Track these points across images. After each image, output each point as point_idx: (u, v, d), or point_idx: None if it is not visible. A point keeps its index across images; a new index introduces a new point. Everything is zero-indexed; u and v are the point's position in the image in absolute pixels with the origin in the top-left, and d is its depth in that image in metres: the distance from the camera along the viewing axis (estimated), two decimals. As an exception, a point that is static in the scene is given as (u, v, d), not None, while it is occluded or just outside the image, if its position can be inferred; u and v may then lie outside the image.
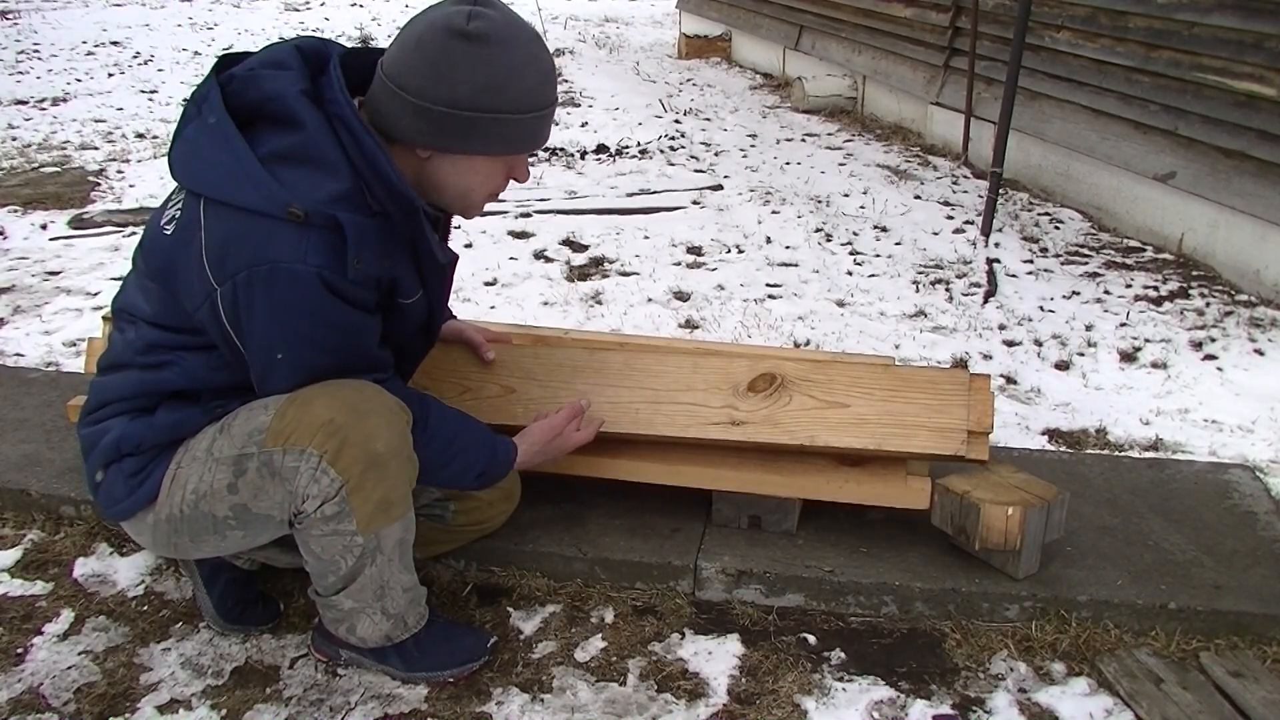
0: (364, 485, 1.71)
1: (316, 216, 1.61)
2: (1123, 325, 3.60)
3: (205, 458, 1.76)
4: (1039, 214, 4.89)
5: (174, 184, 1.76)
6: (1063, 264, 4.23)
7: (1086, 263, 4.26)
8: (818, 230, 4.63)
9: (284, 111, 1.65)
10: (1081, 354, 3.40)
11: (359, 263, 1.65)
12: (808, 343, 3.45)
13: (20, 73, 9.22)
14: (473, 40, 1.63)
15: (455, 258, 1.91)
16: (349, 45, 1.80)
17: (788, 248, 4.42)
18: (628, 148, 6.25)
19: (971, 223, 4.69)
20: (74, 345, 3.44)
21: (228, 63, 1.74)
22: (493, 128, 1.69)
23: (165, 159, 1.76)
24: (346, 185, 1.65)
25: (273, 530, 1.80)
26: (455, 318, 2.27)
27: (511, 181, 1.83)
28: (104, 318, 2.44)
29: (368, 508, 1.73)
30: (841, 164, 5.82)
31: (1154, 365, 3.32)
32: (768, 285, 3.98)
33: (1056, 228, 4.70)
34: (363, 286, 1.68)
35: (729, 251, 4.38)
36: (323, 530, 1.74)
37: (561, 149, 6.20)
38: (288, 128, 1.65)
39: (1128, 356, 3.38)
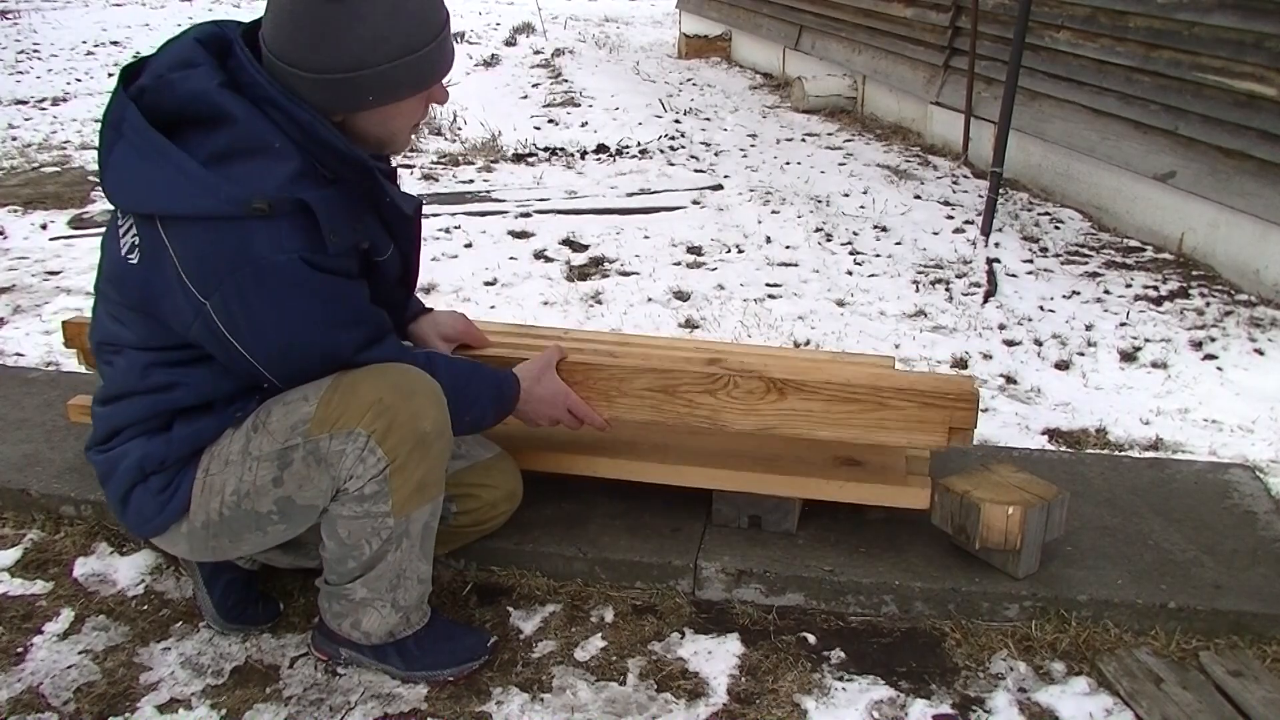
0: (407, 465, 1.71)
1: (281, 204, 1.59)
2: (1123, 325, 3.60)
3: (242, 459, 1.74)
4: (1039, 214, 4.89)
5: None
6: (1063, 264, 4.23)
7: (1086, 262, 4.26)
8: (818, 230, 4.63)
9: (209, 110, 1.61)
10: (1081, 354, 3.40)
11: (335, 236, 1.64)
12: (808, 342, 3.45)
13: (20, 73, 9.24)
14: (338, 0, 1.59)
15: (419, 203, 1.91)
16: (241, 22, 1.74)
17: (788, 247, 4.42)
18: (628, 147, 6.25)
19: (971, 222, 4.69)
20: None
21: (130, 75, 1.67)
22: (394, 74, 1.66)
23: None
24: (296, 164, 1.63)
25: (314, 520, 1.80)
26: (466, 315, 2.26)
27: (432, 106, 1.80)
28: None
29: (406, 489, 1.73)
30: (841, 164, 5.82)
31: (1154, 365, 3.32)
32: (768, 285, 3.98)
33: (1056, 227, 4.70)
34: (344, 256, 1.69)
35: (729, 251, 4.38)
36: (355, 511, 1.74)
37: (561, 149, 6.20)
38: (218, 125, 1.61)
39: (1128, 356, 3.38)
